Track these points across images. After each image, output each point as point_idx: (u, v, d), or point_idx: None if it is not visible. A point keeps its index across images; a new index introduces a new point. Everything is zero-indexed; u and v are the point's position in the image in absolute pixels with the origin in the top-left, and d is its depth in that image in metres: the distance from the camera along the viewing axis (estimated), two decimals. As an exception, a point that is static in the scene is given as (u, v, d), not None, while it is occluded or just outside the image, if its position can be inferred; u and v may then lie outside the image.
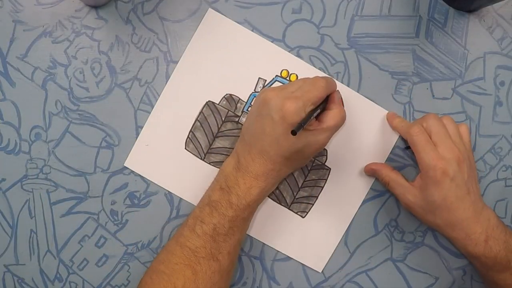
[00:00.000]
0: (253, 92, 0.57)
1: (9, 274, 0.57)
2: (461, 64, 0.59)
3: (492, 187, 0.59)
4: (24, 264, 0.57)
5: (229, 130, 0.57)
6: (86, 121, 0.57)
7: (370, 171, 0.57)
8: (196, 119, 0.57)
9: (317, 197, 0.58)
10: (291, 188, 0.58)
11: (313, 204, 0.58)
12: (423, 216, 0.54)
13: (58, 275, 0.57)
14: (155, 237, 0.57)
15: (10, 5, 0.56)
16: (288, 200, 0.58)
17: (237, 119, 0.57)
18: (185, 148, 0.57)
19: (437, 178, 0.51)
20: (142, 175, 0.57)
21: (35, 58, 0.56)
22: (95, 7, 0.56)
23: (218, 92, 0.57)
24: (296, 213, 0.58)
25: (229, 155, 0.54)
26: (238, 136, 0.56)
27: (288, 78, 0.57)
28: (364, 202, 0.58)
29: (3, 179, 0.56)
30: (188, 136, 0.57)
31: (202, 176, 0.56)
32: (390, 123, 0.57)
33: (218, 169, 0.54)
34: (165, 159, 0.57)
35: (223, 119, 0.57)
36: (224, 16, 0.57)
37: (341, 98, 0.56)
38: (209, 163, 0.57)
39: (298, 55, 0.58)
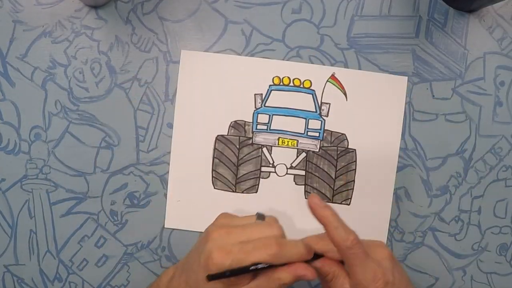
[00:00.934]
0: (255, 110, 0.57)
1: (8, 274, 0.57)
2: (461, 64, 0.59)
3: (492, 187, 0.59)
4: (24, 264, 0.57)
5: (247, 154, 0.57)
6: (86, 121, 0.57)
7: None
8: (213, 157, 0.57)
9: (354, 180, 0.58)
10: (326, 183, 0.58)
11: (353, 189, 0.58)
12: None
13: (57, 275, 0.57)
14: (155, 237, 0.57)
15: (10, 5, 0.56)
16: (329, 195, 0.58)
17: (251, 141, 0.57)
18: (214, 188, 0.57)
19: None
20: (186, 229, 0.57)
21: (35, 58, 0.56)
22: (95, 7, 0.56)
23: (223, 123, 0.57)
24: (341, 203, 0.58)
25: (256, 177, 0.57)
26: (258, 157, 0.57)
27: (281, 84, 0.57)
28: (364, 202, 0.58)
29: (3, 179, 0.56)
30: (212, 175, 0.57)
31: (236, 206, 0.57)
32: (319, 219, 0.47)
33: (251, 195, 0.57)
34: (202, 207, 0.57)
35: (238, 147, 0.57)
36: (198, 52, 0.57)
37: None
38: (241, 192, 0.58)
39: (298, 55, 0.58)
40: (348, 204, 0.58)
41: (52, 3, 0.56)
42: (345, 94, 0.58)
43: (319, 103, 0.58)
